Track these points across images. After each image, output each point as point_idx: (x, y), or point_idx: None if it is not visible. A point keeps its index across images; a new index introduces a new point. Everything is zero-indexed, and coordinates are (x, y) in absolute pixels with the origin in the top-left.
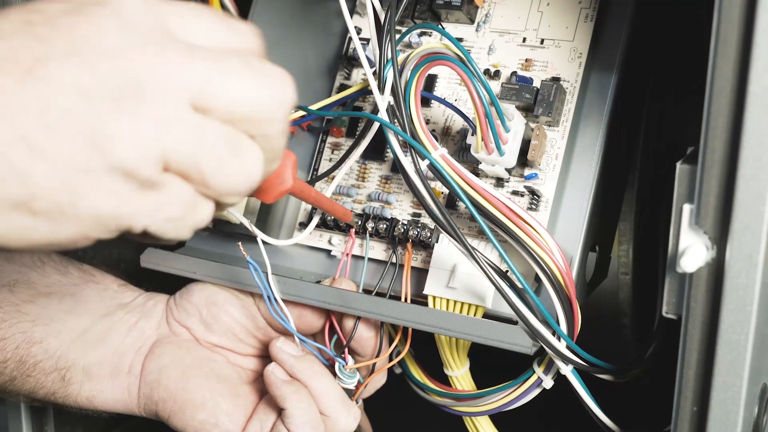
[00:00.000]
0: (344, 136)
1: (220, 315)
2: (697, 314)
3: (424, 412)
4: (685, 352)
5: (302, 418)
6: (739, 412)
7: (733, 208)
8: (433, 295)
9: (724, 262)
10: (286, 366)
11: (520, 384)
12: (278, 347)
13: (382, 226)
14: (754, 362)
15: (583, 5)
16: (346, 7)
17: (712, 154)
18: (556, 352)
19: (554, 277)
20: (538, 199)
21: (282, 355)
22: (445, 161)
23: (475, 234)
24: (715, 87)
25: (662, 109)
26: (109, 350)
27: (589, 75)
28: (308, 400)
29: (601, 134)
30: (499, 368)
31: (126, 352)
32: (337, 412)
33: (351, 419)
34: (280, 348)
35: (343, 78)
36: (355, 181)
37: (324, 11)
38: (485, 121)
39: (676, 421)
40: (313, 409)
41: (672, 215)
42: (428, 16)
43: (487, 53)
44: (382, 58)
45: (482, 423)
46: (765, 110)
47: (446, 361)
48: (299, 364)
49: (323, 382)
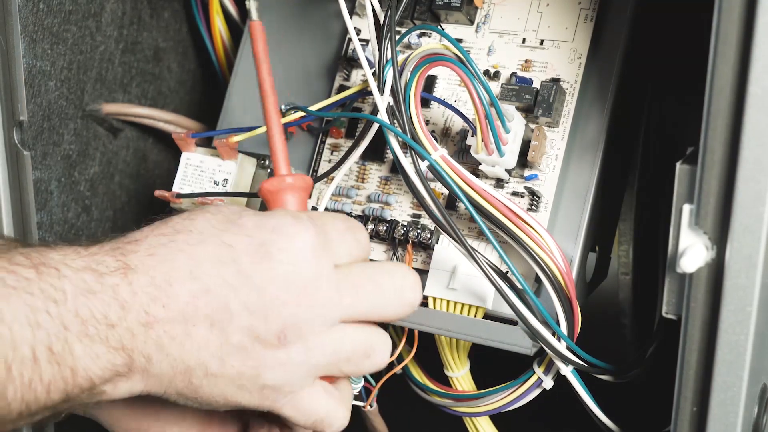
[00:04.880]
0: (343, 137)
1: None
2: (697, 314)
3: (424, 413)
4: (685, 353)
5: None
6: (738, 413)
7: (732, 209)
8: (433, 296)
9: (723, 263)
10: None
11: (520, 384)
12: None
13: (382, 227)
14: (754, 362)
15: (583, 6)
16: (346, 8)
17: (712, 154)
18: (556, 352)
19: (554, 278)
20: (538, 199)
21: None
22: (445, 162)
23: (475, 235)
24: (715, 87)
25: (662, 109)
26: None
27: (589, 76)
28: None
29: (601, 135)
30: (499, 369)
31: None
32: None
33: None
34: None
35: (343, 79)
36: (354, 182)
37: (323, 12)
38: (485, 122)
39: (676, 421)
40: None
41: (672, 215)
42: (428, 17)
43: (486, 54)
44: (381, 59)
45: (482, 423)
46: (765, 111)
47: (446, 362)
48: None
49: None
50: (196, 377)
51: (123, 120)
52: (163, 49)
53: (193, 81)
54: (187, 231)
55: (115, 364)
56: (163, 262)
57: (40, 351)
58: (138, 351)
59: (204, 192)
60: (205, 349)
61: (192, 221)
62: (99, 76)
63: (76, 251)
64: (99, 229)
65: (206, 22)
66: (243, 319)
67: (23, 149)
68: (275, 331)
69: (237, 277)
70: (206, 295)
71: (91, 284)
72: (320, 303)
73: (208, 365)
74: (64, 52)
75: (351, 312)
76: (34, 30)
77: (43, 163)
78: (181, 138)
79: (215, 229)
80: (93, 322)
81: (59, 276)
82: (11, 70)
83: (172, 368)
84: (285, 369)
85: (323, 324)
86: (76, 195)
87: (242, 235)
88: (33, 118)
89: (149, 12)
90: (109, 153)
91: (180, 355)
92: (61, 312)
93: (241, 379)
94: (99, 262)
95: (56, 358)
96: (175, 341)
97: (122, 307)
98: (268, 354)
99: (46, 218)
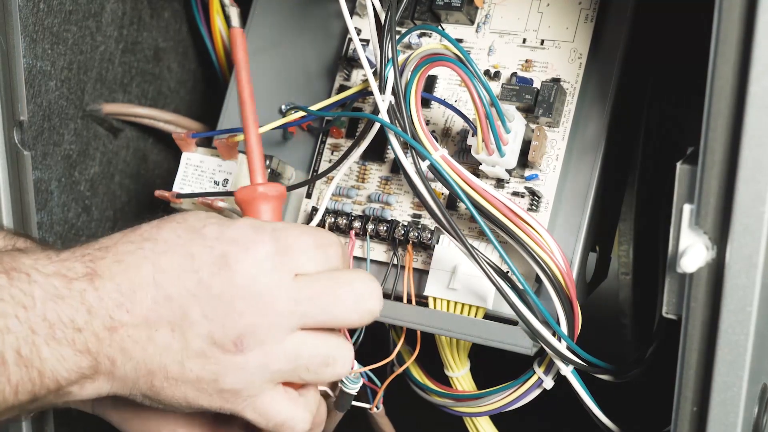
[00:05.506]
0: (344, 137)
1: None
2: (697, 314)
3: (424, 413)
4: (685, 353)
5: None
6: (739, 413)
7: (733, 209)
8: (433, 296)
9: (724, 263)
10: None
11: (520, 384)
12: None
13: (382, 227)
14: (754, 362)
15: (583, 6)
16: (346, 8)
17: (712, 154)
18: (556, 352)
19: (555, 278)
20: (538, 199)
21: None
22: (446, 162)
23: (475, 235)
24: (715, 87)
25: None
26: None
27: (589, 76)
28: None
29: (602, 135)
30: (499, 369)
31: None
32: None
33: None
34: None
35: (343, 79)
36: (354, 182)
37: (324, 12)
38: (486, 122)
39: (676, 421)
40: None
41: (672, 215)
42: (428, 17)
43: (487, 54)
44: (382, 59)
45: (483, 423)
46: (765, 111)
47: (447, 362)
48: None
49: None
50: (158, 380)
51: (123, 120)
52: (163, 49)
53: (194, 81)
54: (153, 240)
55: (81, 367)
56: (129, 269)
57: (9, 354)
58: (103, 354)
59: (204, 192)
60: (166, 353)
61: (159, 230)
62: (99, 76)
63: (48, 257)
64: (99, 229)
65: (206, 22)
66: (202, 326)
67: (23, 149)
68: (232, 338)
69: (197, 286)
70: (168, 303)
71: (60, 289)
72: (277, 311)
73: (169, 369)
74: (64, 52)
75: (309, 320)
76: (34, 30)
77: (43, 163)
78: (181, 138)
79: (180, 238)
80: (60, 326)
81: (29, 281)
82: (11, 70)
83: (135, 371)
84: (243, 374)
85: (280, 331)
86: (77, 195)
87: (204, 245)
88: (33, 118)
89: (149, 12)
90: (110, 153)
91: (143, 359)
92: (30, 317)
93: (201, 383)
94: (69, 268)
95: (24, 361)
96: (138, 345)
97: (89, 312)
98: (227, 359)
99: (47, 218)
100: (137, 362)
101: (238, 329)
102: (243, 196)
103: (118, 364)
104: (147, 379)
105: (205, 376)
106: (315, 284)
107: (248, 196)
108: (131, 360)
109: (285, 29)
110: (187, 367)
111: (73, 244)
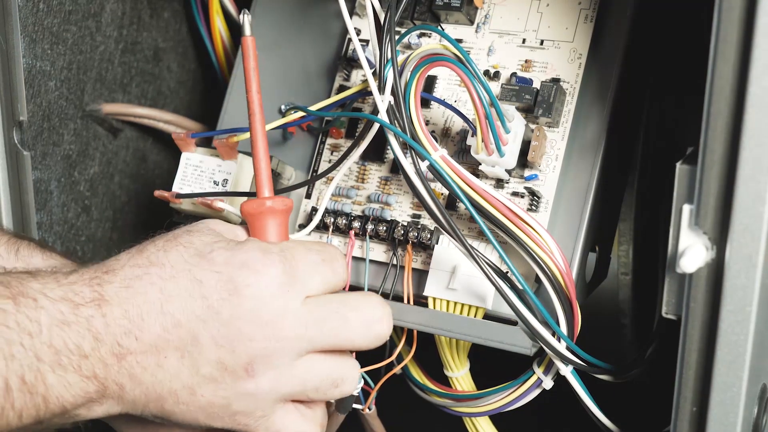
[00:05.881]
0: (343, 137)
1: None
2: (697, 314)
3: (424, 413)
4: (684, 353)
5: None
6: (738, 413)
7: (732, 209)
8: (433, 297)
9: (723, 263)
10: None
11: (520, 385)
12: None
13: (382, 227)
14: (754, 362)
15: (583, 6)
16: (346, 8)
17: (712, 154)
18: (555, 352)
19: (554, 278)
20: (538, 200)
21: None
22: (445, 162)
23: (475, 235)
24: (715, 87)
25: (662, 109)
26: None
27: (589, 76)
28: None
29: (601, 135)
30: (499, 369)
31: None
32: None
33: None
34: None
35: (343, 79)
36: (354, 182)
37: (323, 12)
38: (485, 122)
39: (675, 421)
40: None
41: (672, 215)
42: (428, 17)
43: (486, 54)
44: (381, 59)
45: (482, 423)
46: (765, 110)
47: (446, 362)
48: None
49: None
50: (168, 405)
51: (123, 120)
52: (163, 49)
53: (193, 81)
54: (160, 264)
55: (88, 392)
56: (137, 295)
57: (13, 381)
58: (111, 380)
59: (204, 192)
60: (176, 379)
61: (166, 253)
62: (99, 76)
63: (56, 280)
64: (99, 229)
65: (206, 22)
66: (212, 352)
67: (23, 149)
68: (243, 364)
69: (206, 312)
70: (177, 329)
71: (67, 315)
72: (286, 336)
73: (179, 395)
74: (64, 52)
75: (317, 344)
76: (34, 30)
77: (42, 163)
78: (180, 138)
79: (187, 263)
80: (66, 353)
81: (36, 307)
82: (11, 70)
83: (145, 396)
84: (254, 398)
85: (290, 356)
86: (76, 195)
87: (212, 271)
88: (33, 118)
89: (149, 12)
90: (109, 153)
91: (152, 384)
92: (35, 344)
93: (212, 408)
94: (76, 292)
95: (28, 388)
96: (147, 371)
97: (95, 339)
98: (238, 385)
99: (46, 218)
100: (146, 388)
101: (249, 354)
102: (250, 210)
103: (126, 389)
104: (157, 404)
105: (216, 402)
106: (324, 308)
107: (255, 210)
108: (140, 385)
109: (285, 29)
110: (198, 393)
111: (77, 268)
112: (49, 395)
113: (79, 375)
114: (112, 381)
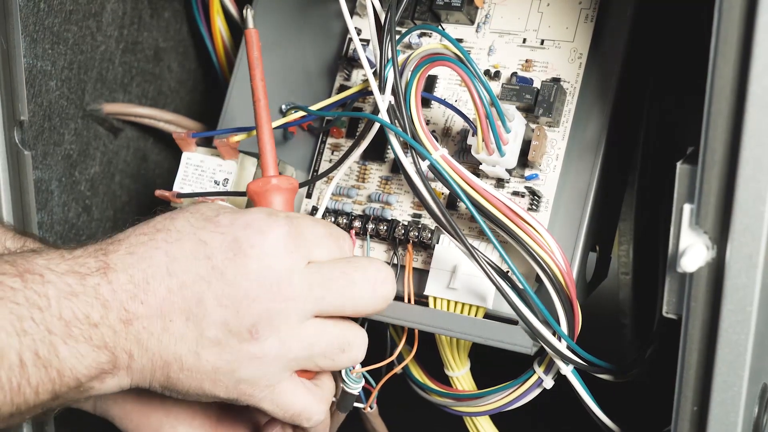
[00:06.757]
0: (344, 137)
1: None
2: (697, 314)
3: (424, 413)
4: (685, 352)
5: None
6: (739, 412)
7: (733, 209)
8: (433, 296)
9: (724, 262)
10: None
11: (520, 384)
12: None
13: (382, 227)
14: (754, 362)
15: (583, 6)
16: (347, 8)
17: (712, 154)
18: (556, 352)
19: (555, 278)
20: (538, 199)
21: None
22: (446, 162)
23: (475, 234)
24: (715, 87)
25: (662, 109)
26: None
27: (590, 76)
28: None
29: (602, 135)
30: (499, 368)
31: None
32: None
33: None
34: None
35: (343, 79)
36: (355, 182)
37: (324, 12)
38: (486, 121)
39: (676, 421)
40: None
41: (672, 215)
42: (428, 17)
43: (487, 54)
44: (382, 59)
45: (483, 423)
46: (765, 110)
47: (447, 362)
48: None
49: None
50: (174, 371)
51: (123, 120)
52: (164, 49)
53: (194, 81)
54: (166, 230)
55: (100, 362)
56: (142, 260)
57: (27, 357)
58: (120, 348)
59: (204, 192)
60: (181, 342)
61: (172, 220)
62: (99, 76)
63: (61, 255)
64: (99, 229)
65: (206, 22)
66: (216, 314)
67: (24, 149)
68: (247, 325)
69: (211, 273)
70: (182, 290)
71: (74, 286)
72: (292, 297)
73: (184, 360)
74: (64, 52)
75: (324, 306)
76: (34, 30)
77: (43, 163)
78: (181, 138)
79: (193, 227)
80: (76, 323)
81: (43, 282)
82: (12, 69)
83: (151, 363)
84: (260, 363)
85: (296, 318)
86: (77, 195)
87: (217, 232)
88: (34, 117)
89: (149, 12)
90: (110, 153)
91: (158, 350)
92: (46, 317)
93: (217, 374)
94: (81, 264)
95: (43, 362)
96: (153, 336)
97: (103, 306)
98: (243, 348)
99: (47, 218)
100: (153, 354)
101: (253, 316)
102: (256, 188)
103: (135, 357)
104: (163, 371)
105: (221, 366)
106: (329, 269)
107: (261, 188)
108: (147, 352)
109: (285, 29)
110: (203, 358)
111: (85, 242)
112: (63, 368)
113: (90, 345)
114: (121, 349)
